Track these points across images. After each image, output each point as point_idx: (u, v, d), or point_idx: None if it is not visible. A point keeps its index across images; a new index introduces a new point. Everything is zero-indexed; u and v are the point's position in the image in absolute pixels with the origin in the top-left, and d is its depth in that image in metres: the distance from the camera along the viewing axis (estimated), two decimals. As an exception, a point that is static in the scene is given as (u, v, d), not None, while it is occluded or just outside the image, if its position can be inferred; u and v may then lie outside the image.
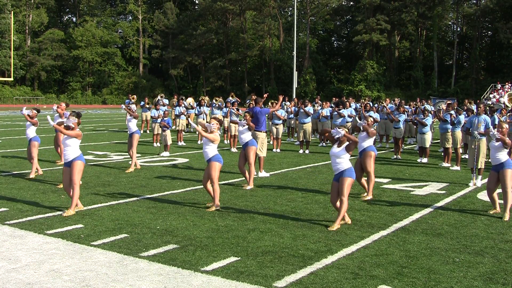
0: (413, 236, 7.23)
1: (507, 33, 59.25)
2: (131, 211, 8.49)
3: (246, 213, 8.43)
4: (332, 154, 7.81)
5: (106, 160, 14.86)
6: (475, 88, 61.92)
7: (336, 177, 7.79)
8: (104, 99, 76.29)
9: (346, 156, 7.71)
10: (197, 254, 6.26)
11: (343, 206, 7.56)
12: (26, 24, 74.81)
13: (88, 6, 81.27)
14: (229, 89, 62.23)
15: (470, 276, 5.69)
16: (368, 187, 9.83)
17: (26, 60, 73.18)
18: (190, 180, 11.54)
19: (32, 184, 10.86)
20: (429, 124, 15.41)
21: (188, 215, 8.24)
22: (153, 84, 77.48)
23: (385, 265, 5.97)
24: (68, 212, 8.13)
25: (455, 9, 69.53)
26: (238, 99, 22.71)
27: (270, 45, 74.61)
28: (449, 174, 13.16)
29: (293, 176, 12.49)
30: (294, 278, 5.52)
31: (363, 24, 65.71)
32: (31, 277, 5.49)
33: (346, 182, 7.61)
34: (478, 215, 8.57)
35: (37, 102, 68.17)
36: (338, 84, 72.43)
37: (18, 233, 7.13)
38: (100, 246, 6.56)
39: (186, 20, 76.01)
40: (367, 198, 9.76)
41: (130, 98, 25.09)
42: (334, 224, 7.58)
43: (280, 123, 18.20)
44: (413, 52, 70.55)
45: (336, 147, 7.78)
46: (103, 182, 11.13)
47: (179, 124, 20.44)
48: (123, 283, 5.35)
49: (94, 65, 77.72)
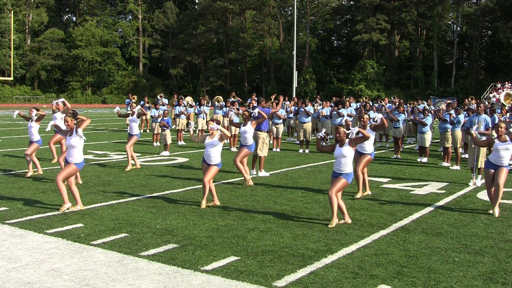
0: (413, 235, 7.23)
1: (507, 32, 59.26)
2: (131, 210, 8.49)
3: (246, 213, 8.43)
4: (338, 155, 7.75)
5: (106, 159, 14.85)
6: (475, 87, 61.92)
7: (335, 174, 7.80)
8: (104, 98, 76.29)
9: (350, 156, 7.71)
10: (197, 254, 6.26)
11: (333, 202, 7.63)
12: (26, 24, 74.79)
13: (88, 6, 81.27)
14: (229, 89, 62.21)
15: (470, 275, 5.69)
16: (358, 186, 9.98)
17: (26, 59, 73.17)
18: (190, 180, 11.54)
19: (32, 183, 10.86)
20: (429, 124, 15.41)
21: (188, 215, 8.24)
22: (153, 83, 77.50)
23: (385, 265, 5.97)
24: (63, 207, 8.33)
25: (455, 9, 69.52)
26: (239, 99, 22.71)
27: (270, 44, 74.60)
28: (449, 173, 13.16)
29: (293, 175, 12.49)
30: (294, 278, 5.52)
31: (363, 23, 65.71)
32: (31, 276, 5.49)
33: (341, 181, 7.69)
34: (478, 215, 8.57)
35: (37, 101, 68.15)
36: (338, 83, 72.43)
37: (18, 233, 7.13)
38: (100, 246, 6.56)
39: (186, 19, 76.01)
40: (358, 196, 9.85)
41: (130, 97, 25.10)
42: (332, 221, 7.62)
43: (280, 122, 18.20)
44: (413, 51, 70.54)
45: (339, 147, 7.78)
46: (103, 182, 11.13)
47: (179, 123, 20.44)
48: (123, 282, 5.35)
49: (94, 64, 77.72)
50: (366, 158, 9.84)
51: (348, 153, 7.71)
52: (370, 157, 9.92)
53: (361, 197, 9.80)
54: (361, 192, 9.97)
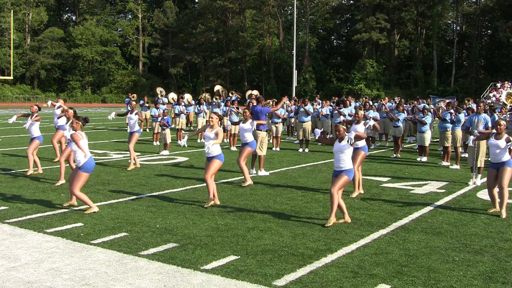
0: (412, 235, 7.23)
1: (506, 31, 59.28)
2: (131, 209, 8.49)
3: (246, 212, 8.43)
4: (337, 150, 7.76)
5: (105, 158, 14.85)
6: (475, 87, 61.94)
7: (336, 173, 7.80)
8: (104, 97, 76.28)
9: (349, 152, 7.72)
10: (197, 253, 6.26)
11: (334, 200, 7.63)
12: (25, 23, 74.77)
13: (88, 5, 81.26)
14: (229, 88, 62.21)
15: (470, 275, 5.69)
16: (354, 184, 10.00)
17: (25, 58, 73.14)
18: (190, 179, 11.53)
19: (31, 182, 10.85)
20: (428, 123, 15.41)
21: (187, 214, 8.24)
22: (152, 82, 77.49)
23: (384, 264, 5.97)
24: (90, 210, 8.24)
25: (455, 8, 69.52)
26: (238, 96, 22.69)
27: (270, 43, 74.59)
28: (448, 173, 13.16)
29: (292, 174, 12.49)
30: (293, 277, 5.52)
31: (362, 22, 65.72)
32: (30, 275, 5.49)
33: (343, 178, 7.69)
34: (477, 214, 8.57)
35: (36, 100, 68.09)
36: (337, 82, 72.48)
37: (17, 232, 7.13)
38: (99, 245, 6.56)
39: (186, 18, 75.99)
40: (354, 195, 9.86)
41: (130, 97, 25.10)
42: (330, 219, 7.62)
43: (279, 121, 18.20)
44: (413, 51, 70.55)
45: (338, 142, 7.79)
46: (102, 181, 11.12)
47: (178, 122, 20.43)
48: (122, 281, 5.35)
49: (94, 63, 77.72)
50: (361, 154, 9.82)
51: (346, 149, 7.73)
52: (364, 153, 9.90)
53: (356, 196, 9.79)
54: (358, 190, 10.00)
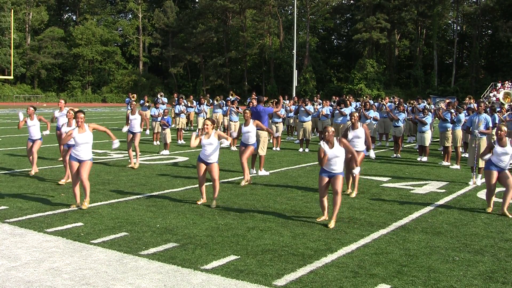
0: (412, 234, 7.23)
1: (507, 31, 59.28)
2: (131, 209, 8.49)
3: (246, 212, 8.43)
4: (332, 156, 7.69)
5: (106, 158, 14.85)
6: (475, 86, 61.95)
7: (327, 174, 7.76)
8: (104, 97, 76.30)
9: (343, 155, 7.73)
10: (197, 253, 6.26)
11: (338, 201, 7.64)
12: (26, 22, 74.82)
13: (88, 5, 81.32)
14: (229, 88, 62.23)
15: (470, 274, 5.69)
16: (348, 184, 10.06)
17: (26, 58, 73.18)
18: (190, 179, 11.53)
19: (32, 182, 10.86)
20: (429, 123, 15.41)
21: (187, 214, 8.24)
22: (152, 82, 77.55)
23: (385, 264, 5.97)
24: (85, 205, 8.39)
25: (455, 8, 69.52)
26: (238, 97, 22.71)
27: (270, 43, 74.59)
28: (449, 172, 13.16)
29: (293, 174, 12.49)
30: (294, 277, 5.52)
31: (363, 22, 65.72)
32: (30, 275, 5.49)
33: (340, 179, 7.71)
34: (478, 214, 8.57)
35: (37, 100, 68.18)
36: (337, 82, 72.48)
37: (18, 231, 7.13)
38: (99, 245, 6.56)
39: (186, 18, 76.01)
40: (353, 195, 9.87)
41: (130, 96, 25.09)
42: (331, 221, 7.61)
43: (279, 121, 18.21)
44: (413, 50, 70.57)
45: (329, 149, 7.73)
46: (102, 181, 11.13)
47: (179, 122, 20.43)
48: (122, 281, 5.35)
49: (94, 63, 77.76)
50: (360, 156, 9.91)
51: (340, 153, 7.71)
52: (363, 154, 10.08)
53: (355, 196, 9.78)
54: (356, 190, 10.00)
